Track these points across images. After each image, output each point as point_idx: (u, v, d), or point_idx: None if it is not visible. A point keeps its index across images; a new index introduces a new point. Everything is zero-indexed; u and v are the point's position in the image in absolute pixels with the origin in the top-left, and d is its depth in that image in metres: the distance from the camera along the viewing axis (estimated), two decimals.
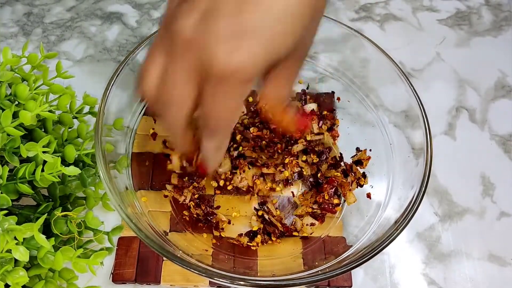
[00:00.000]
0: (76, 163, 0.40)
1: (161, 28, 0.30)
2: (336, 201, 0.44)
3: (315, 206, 0.44)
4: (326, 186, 0.44)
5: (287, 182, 0.46)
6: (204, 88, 0.28)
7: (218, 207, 0.45)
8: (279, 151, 0.47)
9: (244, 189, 0.46)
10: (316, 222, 0.44)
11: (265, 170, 0.46)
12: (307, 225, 0.44)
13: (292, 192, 0.46)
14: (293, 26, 0.27)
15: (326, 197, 0.44)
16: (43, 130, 0.42)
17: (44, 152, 0.37)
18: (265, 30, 0.26)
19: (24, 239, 0.34)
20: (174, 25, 0.27)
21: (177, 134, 0.32)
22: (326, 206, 0.44)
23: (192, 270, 0.34)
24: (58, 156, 0.37)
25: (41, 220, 0.34)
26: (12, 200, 0.37)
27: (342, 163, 0.47)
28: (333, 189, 0.44)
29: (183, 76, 0.28)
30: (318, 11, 0.29)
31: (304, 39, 0.30)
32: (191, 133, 0.33)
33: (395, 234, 0.36)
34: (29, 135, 0.41)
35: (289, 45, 0.28)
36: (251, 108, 0.49)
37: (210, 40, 0.26)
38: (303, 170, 0.46)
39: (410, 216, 0.37)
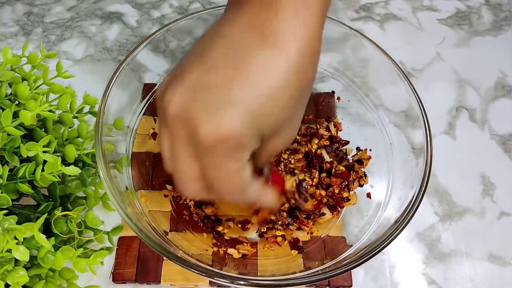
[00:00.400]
0: (76, 163, 0.40)
1: (157, 102, 0.30)
2: (345, 194, 0.44)
3: (327, 194, 0.44)
4: (334, 179, 0.44)
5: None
6: (201, 161, 0.28)
7: (220, 220, 0.44)
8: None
9: None
10: (328, 213, 0.43)
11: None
12: (317, 215, 0.43)
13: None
14: (282, 100, 0.27)
15: (336, 191, 0.44)
16: (43, 129, 0.42)
17: (44, 151, 0.37)
18: (252, 102, 0.26)
19: (24, 238, 0.34)
20: (163, 101, 0.28)
21: (204, 197, 0.32)
22: (337, 199, 0.44)
23: (192, 270, 0.34)
24: (58, 156, 0.37)
25: (41, 220, 0.34)
26: (12, 200, 0.37)
27: (346, 159, 0.47)
28: (344, 183, 0.44)
29: (182, 149, 0.29)
30: (306, 87, 0.29)
31: (292, 120, 0.30)
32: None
33: (395, 234, 0.36)
34: (29, 135, 0.41)
35: (279, 118, 0.28)
36: None
37: (196, 113, 0.26)
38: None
39: (410, 216, 0.37)
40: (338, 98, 0.51)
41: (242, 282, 0.34)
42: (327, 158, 0.46)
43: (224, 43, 0.27)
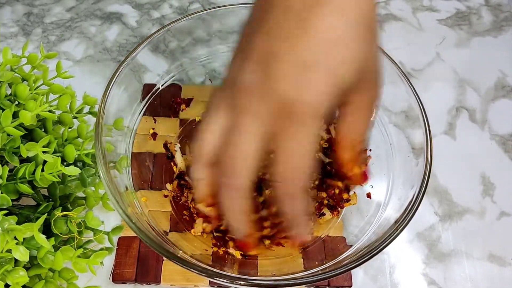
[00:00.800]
0: (76, 163, 0.40)
1: (224, 83, 0.29)
2: (345, 195, 0.44)
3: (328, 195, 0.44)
4: (334, 182, 0.44)
5: None
6: (275, 136, 0.27)
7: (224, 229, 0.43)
8: None
9: None
10: (328, 213, 0.43)
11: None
12: (317, 215, 0.43)
13: None
14: (352, 51, 0.27)
15: (337, 192, 0.43)
16: (43, 130, 0.42)
17: (44, 152, 0.37)
18: (326, 60, 0.26)
19: (24, 239, 0.34)
20: (238, 79, 0.27)
21: (241, 199, 0.29)
22: (337, 200, 0.43)
23: (192, 270, 0.34)
24: (58, 156, 0.37)
25: (41, 220, 0.34)
26: (12, 200, 0.37)
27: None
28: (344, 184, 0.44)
29: (252, 125, 0.27)
30: (373, 33, 0.28)
31: (368, 64, 0.29)
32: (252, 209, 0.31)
33: (395, 234, 0.36)
34: (29, 135, 0.41)
35: (353, 72, 0.27)
36: None
37: (275, 82, 0.26)
38: None
39: (410, 216, 0.37)
40: None
41: (242, 282, 0.34)
42: (325, 160, 0.46)
43: (279, 11, 0.27)
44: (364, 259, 0.35)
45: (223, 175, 0.29)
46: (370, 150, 0.47)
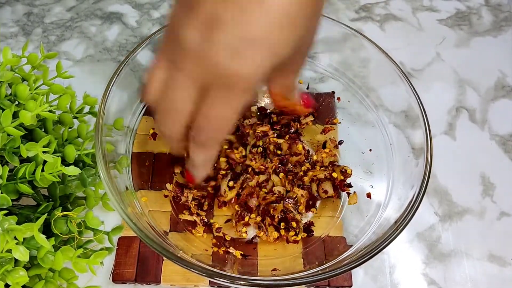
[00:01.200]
0: (76, 163, 0.40)
1: (167, 34, 0.30)
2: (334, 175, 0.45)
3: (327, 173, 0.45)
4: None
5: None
6: (205, 95, 0.29)
7: (220, 228, 0.44)
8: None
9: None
10: (331, 192, 0.44)
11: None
12: (322, 190, 0.44)
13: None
14: (294, 28, 0.27)
15: (340, 176, 0.45)
16: (43, 130, 0.42)
17: (44, 152, 0.37)
18: (268, 37, 0.26)
19: (24, 239, 0.34)
20: (179, 34, 0.28)
21: (172, 139, 0.33)
22: (339, 184, 0.45)
23: (192, 270, 0.34)
24: (58, 156, 0.37)
25: (41, 220, 0.34)
26: (12, 200, 0.37)
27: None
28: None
29: (185, 82, 0.29)
30: (317, 9, 0.29)
31: (306, 38, 0.30)
32: (186, 142, 0.34)
33: (395, 234, 0.36)
34: (29, 135, 0.41)
35: (291, 48, 0.28)
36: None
37: (215, 49, 0.26)
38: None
39: (410, 216, 0.37)
40: (338, 99, 0.51)
41: (242, 282, 0.34)
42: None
43: None
44: (364, 259, 0.35)
45: (160, 124, 0.33)
46: (370, 150, 0.47)
